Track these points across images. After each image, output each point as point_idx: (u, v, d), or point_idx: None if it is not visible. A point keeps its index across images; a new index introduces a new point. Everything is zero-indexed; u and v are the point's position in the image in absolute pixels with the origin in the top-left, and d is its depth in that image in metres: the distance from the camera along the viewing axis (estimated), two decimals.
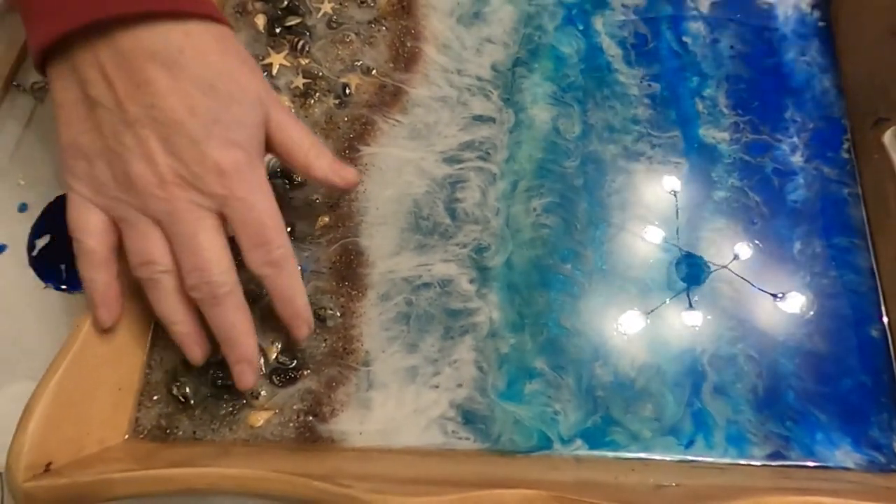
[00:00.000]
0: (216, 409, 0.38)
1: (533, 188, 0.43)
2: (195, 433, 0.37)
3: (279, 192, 0.43)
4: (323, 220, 0.42)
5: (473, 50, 0.47)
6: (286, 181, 0.43)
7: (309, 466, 0.34)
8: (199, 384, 0.38)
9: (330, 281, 0.41)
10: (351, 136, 0.45)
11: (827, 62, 0.46)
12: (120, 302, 0.36)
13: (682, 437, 0.37)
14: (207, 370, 0.39)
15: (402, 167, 0.44)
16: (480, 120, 0.45)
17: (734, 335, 0.39)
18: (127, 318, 0.37)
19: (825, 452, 0.36)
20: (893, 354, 0.39)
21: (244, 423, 0.37)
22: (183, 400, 0.38)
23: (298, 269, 0.38)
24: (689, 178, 0.43)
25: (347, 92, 0.46)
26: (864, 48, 0.44)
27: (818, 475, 0.36)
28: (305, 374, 0.39)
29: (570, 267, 0.41)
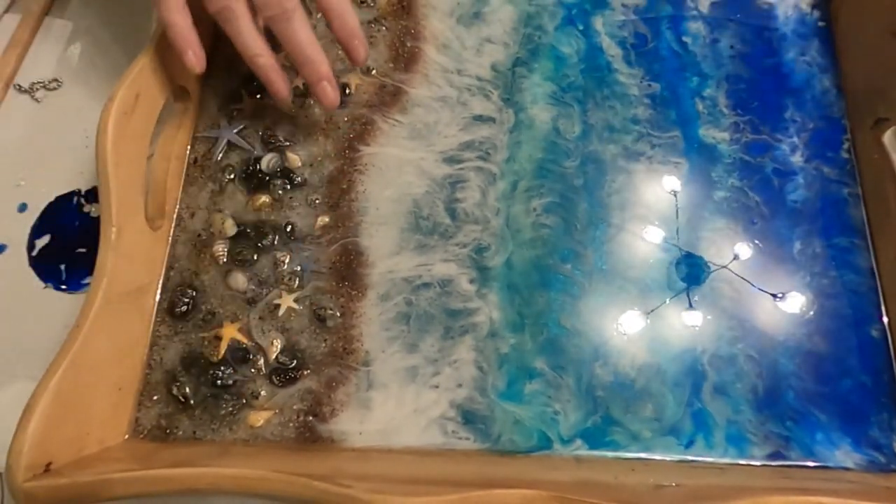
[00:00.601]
0: (216, 409, 0.38)
1: (533, 188, 0.43)
2: (195, 433, 0.37)
3: (279, 192, 0.43)
4: (323, 220, 0.42)
5: (473, 50, 0.47)
6: (286, 181, 0.43)
7: (309, 466, 0.34)
8: (199, 384, 0.38)
9: (330, 281, 0.41)
10: (351, 136, 0.45)
11: (827, 62, 0.46)
12: (202, 47, 0.38)
13: (682, 437, 0.37)
14: (208, 370, 0.39)
15: (402, 167, 0.44)
16: (480, 120, 0.45)
17: (734, 335, 0.39)
18: (127, 318, 0.37)
19: (825, 452, 0.36)
20: (893, 354, 0.39)
21: (244, 423, 0.38)
22: (183, 400, 0.38)
23: None
24: (689, 178, 0.43)
25: (347, 92, 0.46)
26: (863, 48, 0.44)
27: (818, 475, 0.36)
28: (305, 374, 0.39)
29: (570, 267, 0.41)
